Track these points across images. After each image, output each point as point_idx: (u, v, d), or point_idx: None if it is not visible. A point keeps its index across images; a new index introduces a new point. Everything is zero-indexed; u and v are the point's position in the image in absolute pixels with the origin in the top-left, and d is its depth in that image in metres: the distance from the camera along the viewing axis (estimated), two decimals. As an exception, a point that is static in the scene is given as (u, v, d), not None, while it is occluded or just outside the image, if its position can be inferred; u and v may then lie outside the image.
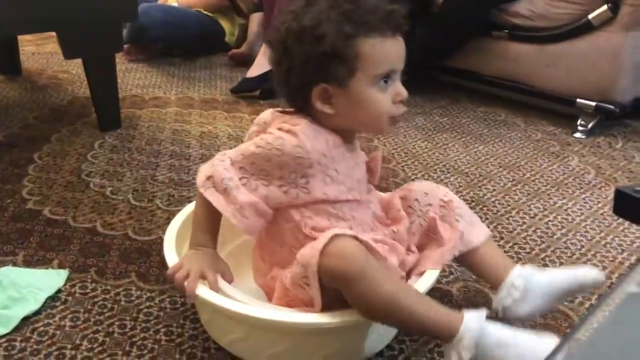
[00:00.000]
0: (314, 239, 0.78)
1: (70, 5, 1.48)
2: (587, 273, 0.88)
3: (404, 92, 0.81)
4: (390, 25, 0.79)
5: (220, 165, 0.82)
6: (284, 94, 0.86)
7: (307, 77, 0.80)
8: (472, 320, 0.75)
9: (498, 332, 0.75)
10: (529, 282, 0.87)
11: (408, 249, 0.92)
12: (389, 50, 0.79)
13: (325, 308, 0.77)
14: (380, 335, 0.86)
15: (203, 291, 0.80)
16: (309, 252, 0.75)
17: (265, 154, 0.80)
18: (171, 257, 0.87)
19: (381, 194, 0.98)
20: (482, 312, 0.76)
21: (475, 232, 0.93)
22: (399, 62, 0.81)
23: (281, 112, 0.87)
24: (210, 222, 0.85)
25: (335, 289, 0.75)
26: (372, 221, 0.91)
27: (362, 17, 0.77)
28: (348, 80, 0.78)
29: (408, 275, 0.90)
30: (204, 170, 0.85)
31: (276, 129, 0.81)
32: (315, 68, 0.78)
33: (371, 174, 0.92)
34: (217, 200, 0.81)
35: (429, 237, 0.94)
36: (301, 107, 0.84)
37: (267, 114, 0.87)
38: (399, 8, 0.80)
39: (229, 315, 0.77)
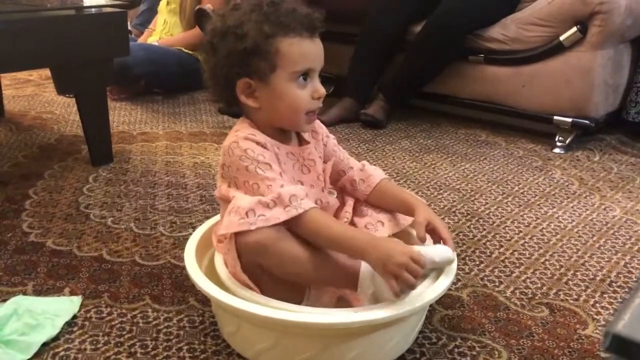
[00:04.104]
0: None
1: (65, 42, 1.50)
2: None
3: (321, 90, 0.89)
4: (307, 27, 0.86)
5: (240, 204, 0.82)
6: (213, 90, 0.94)
7: (230, 71, 0.87)
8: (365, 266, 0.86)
9: None
10: None
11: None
12: (306, 50, 0.87)
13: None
14: (404, 337, 0.88)
15: (231, 300, 0.81)
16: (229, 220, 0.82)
17: (243, 166, 0.85)
18: (195, 272, 0.88)
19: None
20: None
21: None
22: (317, 61, 0.88)
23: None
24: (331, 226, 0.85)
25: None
26: None
27: (280, 19, 0.85)
28: (269, 75, 0.86)
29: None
30: (231, 223, 0.81)
31: (227, 146, 0.88)
32: (238, 63, 0.86)
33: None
34: (276, 212, 0.81)
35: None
36: (229, 101, 0.92)
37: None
38: (315, 12, 0.88)
39: (261, 321, 0.78)
